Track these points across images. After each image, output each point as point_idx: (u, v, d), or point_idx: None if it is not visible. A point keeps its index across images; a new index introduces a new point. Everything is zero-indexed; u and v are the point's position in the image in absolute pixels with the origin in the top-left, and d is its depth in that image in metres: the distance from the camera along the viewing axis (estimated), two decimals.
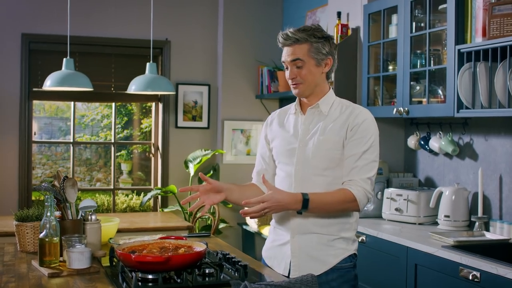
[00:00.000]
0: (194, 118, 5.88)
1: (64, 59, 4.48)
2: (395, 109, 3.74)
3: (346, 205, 2.35)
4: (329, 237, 2.41)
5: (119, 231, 3.78)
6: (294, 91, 2.48)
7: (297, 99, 2.54)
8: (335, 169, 2.40)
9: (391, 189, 3.87)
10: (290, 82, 2.47)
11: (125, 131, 6.28)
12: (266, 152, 2.62)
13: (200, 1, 5.89)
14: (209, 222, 5.53)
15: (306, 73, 2.42)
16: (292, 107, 2.58)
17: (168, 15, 5.77)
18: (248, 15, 5.89)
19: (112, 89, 5.77)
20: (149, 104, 6.06)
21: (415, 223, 3.72)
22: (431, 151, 3.95)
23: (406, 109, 3.67)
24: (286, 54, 2.45)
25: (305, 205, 2.29)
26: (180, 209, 5.50)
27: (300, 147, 2.45)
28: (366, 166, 2.37)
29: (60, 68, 4.50)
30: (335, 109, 2.47)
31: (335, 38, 4.28)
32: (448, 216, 3.52)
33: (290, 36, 2.41)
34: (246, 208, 2.27)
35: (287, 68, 2.47)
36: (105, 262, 2.47)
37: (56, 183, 2.70)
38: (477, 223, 3.39)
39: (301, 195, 2.29)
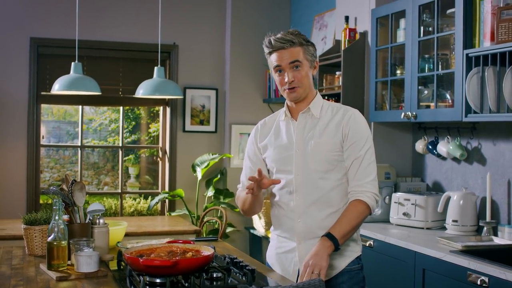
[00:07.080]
0: (201, 122, 5.89)
1: (72, 63, 4.50)
2: (403, 114, 3.74)
3: (363, 217, 2.37)
4: None
5: (127, 235, 3.78)
6: (290, 96, 2.42)
7: (285, 105, 2.51)
8: (335, 171, 2.39)
9: (398, 194, 3.86)
10: (286, 86, 2.40)
11: (133, 136, 6.29)
12: (259, 161, 2.55)
13: (208, 5, 5.91)
14: (216, 226, 5.53)
15: (304, 75, 2.39)
16: (280, 114, 2.54)
17: (175, 19, 5.78)
18: (256, 19, 5.90)
19: (120, 93, 5.79)
20: (156, 108, 6.07)
21: (423, 228, 3.71)
22: (439, 155, 3.94)
23: (414, 113, 3.66)
24: (281, 58, 2.38)
25: (336, 244, 2.28)
26: (187, 213, 5.51)
27: (297, 153, 2.43)
28: (368, 167, 2.38)
29: (68, 72, 4.51)
30: (325, 111, 2.46)
31: (342, 42, 4.29)
32: (456, 221, 3.51)
33: (286, 39, 2.37)
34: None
35: (280, 72, 2.41)
36: (113, 265, 2.48)
37: (64, 186, 2.71)
38: (485, 228, 3.38)
39: (328, 240, 2.27)
